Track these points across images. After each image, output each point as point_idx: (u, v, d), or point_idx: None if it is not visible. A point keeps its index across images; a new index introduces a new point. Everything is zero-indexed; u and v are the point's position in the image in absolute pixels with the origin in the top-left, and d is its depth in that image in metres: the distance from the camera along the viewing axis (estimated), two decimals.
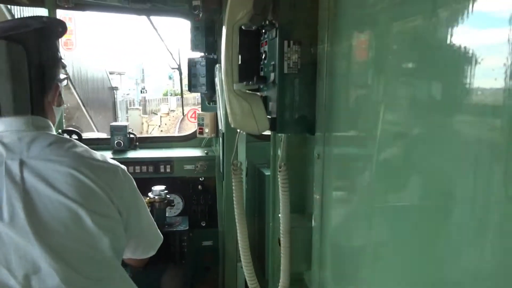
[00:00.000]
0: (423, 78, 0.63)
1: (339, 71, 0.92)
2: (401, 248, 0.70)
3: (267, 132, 1.15)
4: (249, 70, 1.09)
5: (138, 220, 1.26)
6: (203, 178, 2.76)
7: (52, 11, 2.61)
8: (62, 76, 1.22)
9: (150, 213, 1.33)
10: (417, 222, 0.65)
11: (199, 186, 2.75)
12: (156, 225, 1.38)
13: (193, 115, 3.20)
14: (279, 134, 1.29)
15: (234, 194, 1.12)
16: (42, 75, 1.13)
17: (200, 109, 3.18)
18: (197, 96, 3.10)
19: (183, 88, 3.18)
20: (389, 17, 0.72)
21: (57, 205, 1.02)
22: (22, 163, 1.03)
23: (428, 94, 0.63)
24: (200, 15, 2.52)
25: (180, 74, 2.99)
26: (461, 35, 0.54)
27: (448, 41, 0.56)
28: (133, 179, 1.23)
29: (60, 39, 1.24)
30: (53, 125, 1.18)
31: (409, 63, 0.67)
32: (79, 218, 1.04)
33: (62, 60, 1.24)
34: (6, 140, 1.05)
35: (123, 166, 1.20)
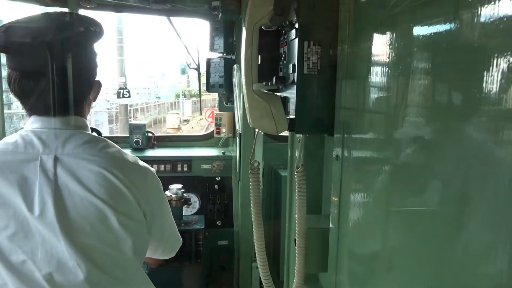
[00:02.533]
0: (444, 82, 0.63)
1: (359, 73, 0.92)
2: (419, 254, 0.69)
3: (285, 133, 1.15)
4: (268, 71, 1.09)
5: (162, 223, 1.27)
6: (219, 177, 2.77)
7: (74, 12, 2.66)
8: None
9: (173, 217, 1.34)
10: (436, 227, 0.64)
11: (216, 186, 2.76)
12: (177, 228, 1.39)
13: (211, 115, 3.21)
14: (297, 135, 1.29)
15: (251, 194, 1.12)
16: (86, 76, 1.16)
17: (217, 109, 3.20)
18: (217, 97, 3.12)
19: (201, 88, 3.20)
20: (410, 19, 0.71)
21: (86, 203, 1.04)
22: (56, 160, 1.05)
23: (448, 98, 0.62)
24: (219, 15, 2.54)
25: (199, 74, 3.01)
26: (483, 38, 0.53)
27: (470, 44, 0.55)
28: (160, 183, 1.24)
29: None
30: (86, 119, 1.20)
31: (429, 66, 0.66)
32: (106, 218, 1.05)
33: None
34: (43, 136, 1.07)
35: (152, 169, 1.21)
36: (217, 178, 2.77)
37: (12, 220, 1.01)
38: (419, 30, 0.69)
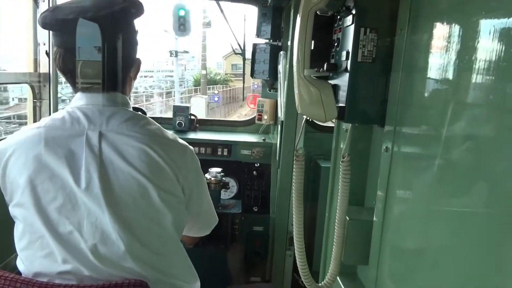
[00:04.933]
0: (507, 78, 0.59)
1: (416, 64, 0.88)
2: (465, 256, 0.67)
3: (326, 124, 1.12)
4: (319, 57, 1.07)
5: (199, 200, 1.29)
6: (258, 164, 2.78)
7: None
8: None
9: (210, 195, 1.36)
10: (485, 229, 0.62)
11: (254, 172, 2.78)
12: (213, 207, 1.41)
13: (253, 101, 3.22)
14: (344, 125, 1.26)
15: (294, 181, 1.11)
16: (127, 53, 1.19)
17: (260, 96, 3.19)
18: (251, 84, 3.09)
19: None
20: (475, 8, 0.67)
21: (129, 178, 1.07)
22: (101, 135, 1.09)
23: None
24: (268, 1, 2.51)
25: (244, 59, 3.00)
26: None
27: None
28: (198, 161, 1.26)
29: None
30: (127, 96, 1.23)
31: (494, 61, 0.62)
32: (147, 193, 1.08)
33: None
34: (89, 113, 1.12)
35: (191, 147, 1.23)
36: (256, 164, 2.78)
37: (60, 192, 1.06)
38: (486, 21, 0.65)
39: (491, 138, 0.62)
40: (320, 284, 1.15)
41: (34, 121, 2.12)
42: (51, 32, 1.20)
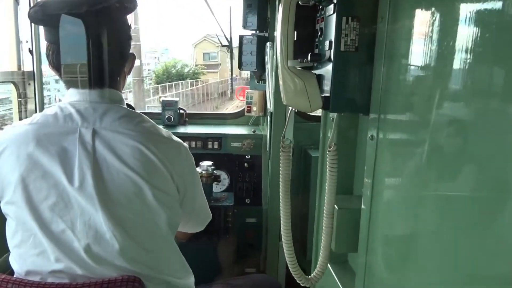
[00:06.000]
0: (488, 63, 0.59)
1: (398, 51, 0.89)
2: (453, 240, 0.68)
3: (316, 113, 1.13)
4: (303, 47, 1.07)
5: (193, 198, 1.29)
6: (249, 156, 2.78)
7: None
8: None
9: (203, 192, 1.36)
10: (472, 213, 0.63)
11: (245, 164, 2.77)
12: (207, 203, 1.41)
13: (242, 93, 3.21)
14: (331, 115, 1.27)
15: (280, 172, 1.12)
16: (121, 48, 1.18)
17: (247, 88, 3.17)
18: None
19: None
20: None
21: (123, 177, 1.06)
22: (94, 133, 1.07)
23: (494, 80, 0.59)
24: None
25: (231, 51, 2.98)
26: None
27: None
28: (193, 158, 1.25)
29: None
30: (121, 92, 1.22)
31: (474, 45, 0.62)
32: (142, 192, 1.07)
33: None
34: (82, 109, 1.10)
35: (186, 145, 1.23)
36: (247, 157, 2.78)
37: (52, 191, 1.04)
38: (465, 7, 0.65)
39: (475, 123, 0.63)
40: (309, 276, 1.16)
41: (20, 119, 2.09)
42: (42, 27, 1.17)
